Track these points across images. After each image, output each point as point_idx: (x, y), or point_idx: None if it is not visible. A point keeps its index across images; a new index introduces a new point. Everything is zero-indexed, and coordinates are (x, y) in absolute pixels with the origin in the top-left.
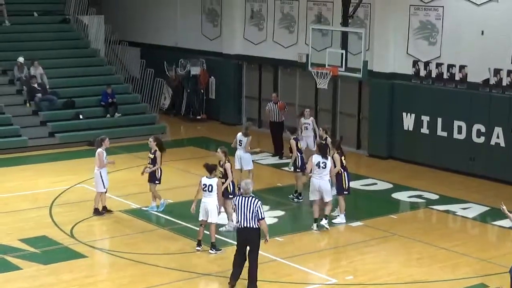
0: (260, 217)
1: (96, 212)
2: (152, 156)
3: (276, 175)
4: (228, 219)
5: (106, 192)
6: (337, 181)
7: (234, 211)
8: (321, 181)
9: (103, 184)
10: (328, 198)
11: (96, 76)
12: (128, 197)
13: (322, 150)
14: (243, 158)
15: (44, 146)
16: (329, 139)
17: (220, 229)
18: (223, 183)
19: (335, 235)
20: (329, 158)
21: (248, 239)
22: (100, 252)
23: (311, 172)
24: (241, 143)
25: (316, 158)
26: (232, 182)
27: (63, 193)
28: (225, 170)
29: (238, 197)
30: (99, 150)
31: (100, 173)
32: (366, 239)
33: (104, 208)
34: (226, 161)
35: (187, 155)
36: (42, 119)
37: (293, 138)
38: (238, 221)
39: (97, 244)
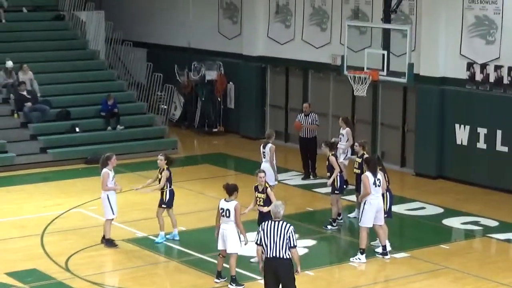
0: (292, 245)
1: (108, 242)
2: (160, 176)
3: (307, 198)
4: None
5: (113, 220)
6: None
7: (258, 244)
8: (380, 201)
9: (112, 209)
10: (382, 221)
11: (95, 82)
12: (133, 224)
13: (374, 165)
14: (266, 171)
15: (34, 164)
16: (366, 156)
17: (251, 260)
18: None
19: (376, 268)
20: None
21: (279, 272)
22: None
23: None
24: (264, 155)
25: (371, 176)
26: None
27: (56, 219)
28: (267, 195)
29: (266, 222)
30: (104, 170)
31: (108, 197)
32: (412, 273)
33: (104, 238)
34: (267, 185)
35: (202, 175)
36: (32, 132)
37: (332, 154)
38: (265, 250)
39: (97, 279)
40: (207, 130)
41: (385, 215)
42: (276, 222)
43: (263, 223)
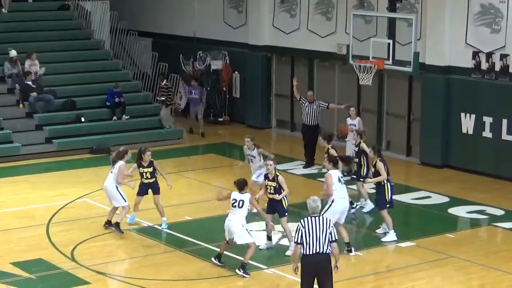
0: (333, 239)
1: (116, 226)
2: (151, 169)
3: (311, 187)
4: (289, 240)
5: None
6: (379, 193)
7: (299, 242)
8: (346, 201)
9: (123, 197)
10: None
11: (100, 72)
12: (138, 213)
13: (345, 161)
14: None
15: (39, 154)
16: (363, 145)
17: (260, 247)
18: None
19: (381, 257)
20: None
21: (320, 268)
22: (105, 278)
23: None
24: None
25: (335, 174)
26: (286, 197)
27: (62, 209)
28: (278, 183)
29: (306, 219)
30: (122, 163)
31: (117, 187)
32: (417, 263)
33: (109, 223)
34: (277, 173)
35: (207, 164)
36: (37, 122)
37: (331, 147)
38: (305, 247)
39: (102, 269)
40: (212, 120)
41: (388, 205)
42: (317, 218)
43: (302, 221)
